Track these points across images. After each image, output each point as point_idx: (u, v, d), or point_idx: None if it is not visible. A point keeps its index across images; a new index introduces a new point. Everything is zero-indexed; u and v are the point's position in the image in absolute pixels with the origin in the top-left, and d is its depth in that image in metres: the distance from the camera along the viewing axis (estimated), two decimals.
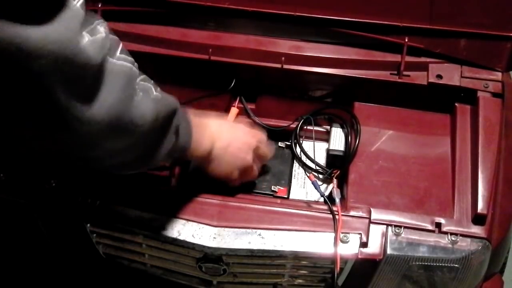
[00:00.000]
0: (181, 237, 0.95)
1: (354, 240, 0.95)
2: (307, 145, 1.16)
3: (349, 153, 1.09)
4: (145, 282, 1.13)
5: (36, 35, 0.58)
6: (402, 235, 0.96)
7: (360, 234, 0.95)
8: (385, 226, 0.97)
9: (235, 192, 1.06)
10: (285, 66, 1.12)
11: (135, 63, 0.75)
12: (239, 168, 1.00)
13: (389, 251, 0.95)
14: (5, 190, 1.00)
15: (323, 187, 1.11)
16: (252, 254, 0.96)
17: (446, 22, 1.09)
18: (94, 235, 1.04)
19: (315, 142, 1.16)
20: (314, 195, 1.11)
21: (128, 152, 0.77)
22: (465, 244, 0.95)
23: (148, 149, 0.80)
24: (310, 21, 1.12)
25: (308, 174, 1.10)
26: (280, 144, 1.17)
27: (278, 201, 1.07)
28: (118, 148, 0.75)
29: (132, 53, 1.11)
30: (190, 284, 1.10)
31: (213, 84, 1.16)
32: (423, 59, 1.12)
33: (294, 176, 1.14)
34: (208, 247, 0.95)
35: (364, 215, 0.98)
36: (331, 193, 1.10)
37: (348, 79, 1.12)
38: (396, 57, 1.11)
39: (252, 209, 0.98)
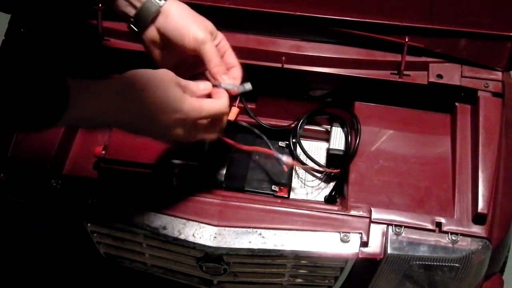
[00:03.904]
0: (181, 237, 0.95)
1: (354, 239, 0.95)
2: (307, 144, 1.16)
3: (349, 153, 1.08)
4: (146, 282, 1.13)
5: None
6: (403, 234, 0.96)
7: (361, 233, 0.95)
8: (386, 225, 0.97)
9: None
10: (286, 66, 1.12)
11: None
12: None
13: (389, 251, 0.95)
14: (6, 190, 1.00)
15: (323, 186, 1.11)
16: (252, 254, 0.96)
17: (446, 21, 1.09)
18: (95, 235, 1.03)
19: (315, 142, 1.16)
20: (315, 195, 1.11)
21: None
22: (466, 244, 0.95)
23: None
24: (310, 21, 1.12)
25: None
26: (280, 144, 1.17)
27: (279, 200, 1.07)
28: None
29: (132, 53, 1.13)
30: (191, 283, 1.10)
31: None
32: (423, 58, 1.12)
33: (294, 176, 1.14)
34: (209, 247, 0.95)
35: (365, 214, 0.98)
36: (330, 193, 1.10)
37: (349, 78, 1.12)
38: (396, 57, 1.11)
39: (253, 208, 0.98)
